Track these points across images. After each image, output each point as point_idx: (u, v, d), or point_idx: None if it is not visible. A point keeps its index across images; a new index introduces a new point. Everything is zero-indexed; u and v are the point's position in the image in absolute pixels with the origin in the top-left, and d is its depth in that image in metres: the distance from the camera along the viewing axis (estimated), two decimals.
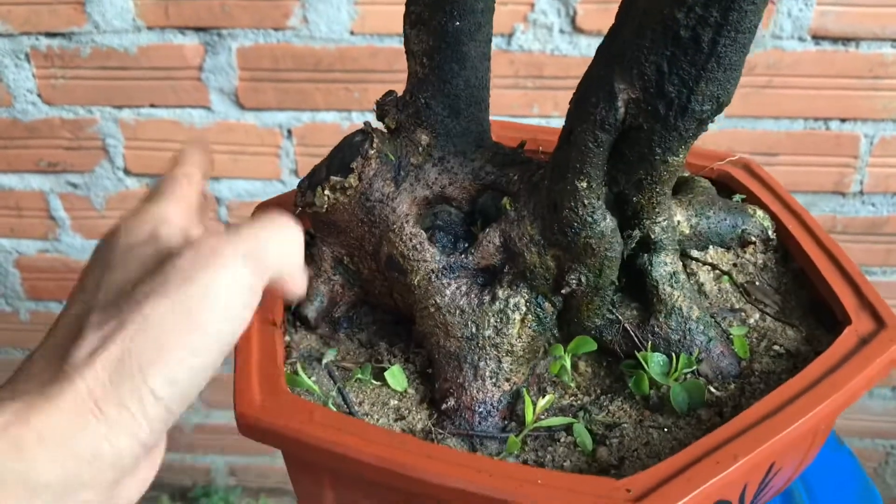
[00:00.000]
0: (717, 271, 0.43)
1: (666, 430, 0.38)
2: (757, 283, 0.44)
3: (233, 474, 1.38)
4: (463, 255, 0.40)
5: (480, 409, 0.39)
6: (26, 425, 0.25)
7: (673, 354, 0.39)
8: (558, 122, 0.94)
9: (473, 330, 0.39)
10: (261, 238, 0.29)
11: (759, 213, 0.45)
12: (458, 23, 0.38)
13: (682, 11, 0.32)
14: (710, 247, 0.43)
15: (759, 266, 0.44)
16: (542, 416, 0.39)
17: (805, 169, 0.96)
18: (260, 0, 0.89)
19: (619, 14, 0.36)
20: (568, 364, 0.40)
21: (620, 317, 0.40)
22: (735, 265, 0.44)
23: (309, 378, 0.40)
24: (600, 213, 0.37)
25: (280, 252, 0.30)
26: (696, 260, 0.43)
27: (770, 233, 0.45)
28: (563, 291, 0.39)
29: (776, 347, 0.41)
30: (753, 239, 0.44)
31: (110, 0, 0.90)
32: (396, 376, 0.41)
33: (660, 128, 0.35)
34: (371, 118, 0.95)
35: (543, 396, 0.39)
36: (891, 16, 0.86)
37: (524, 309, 0.39)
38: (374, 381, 0.41)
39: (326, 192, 0.41)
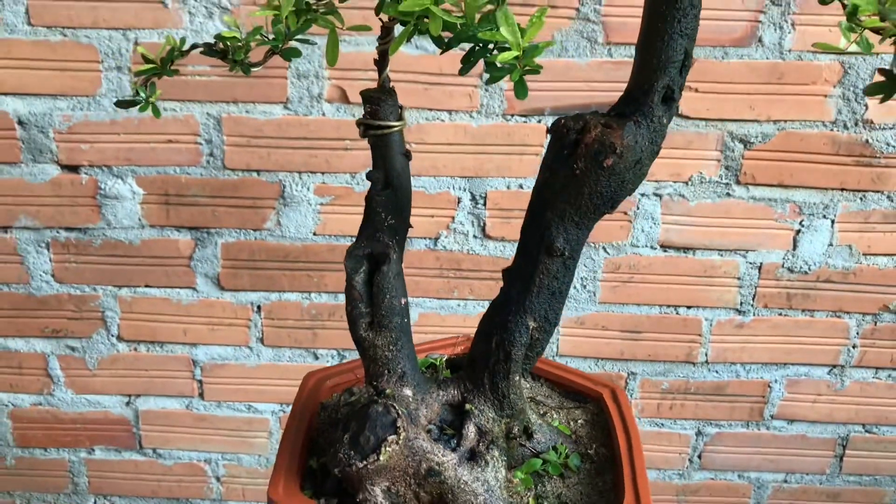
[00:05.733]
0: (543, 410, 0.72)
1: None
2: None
3: None
4: (459, 447, 0.65)
5: None
6: None
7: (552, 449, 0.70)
8: (473, 304, 1.21)
9: (488, 486, 0.64)
10: None
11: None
12: (405, 319, 0.65)
13: (558, 280, 0.65)
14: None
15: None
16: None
17: (663, 343, 1.24)
18: (244, 208, 1.15)
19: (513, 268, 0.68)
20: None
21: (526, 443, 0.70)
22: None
23: None
24: (523, 389, 0.67)
25: None
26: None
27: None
28: (510, 436, 0.68)
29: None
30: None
31: (121, 204, 1.15)
32: None
33: (546, 336, 0.68)
34: (325, 297, 1.20)
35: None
36: (716, 233, 1.17)
37: (501, 458, 0.66)
38: None
39: (388, 447, 0.63)
